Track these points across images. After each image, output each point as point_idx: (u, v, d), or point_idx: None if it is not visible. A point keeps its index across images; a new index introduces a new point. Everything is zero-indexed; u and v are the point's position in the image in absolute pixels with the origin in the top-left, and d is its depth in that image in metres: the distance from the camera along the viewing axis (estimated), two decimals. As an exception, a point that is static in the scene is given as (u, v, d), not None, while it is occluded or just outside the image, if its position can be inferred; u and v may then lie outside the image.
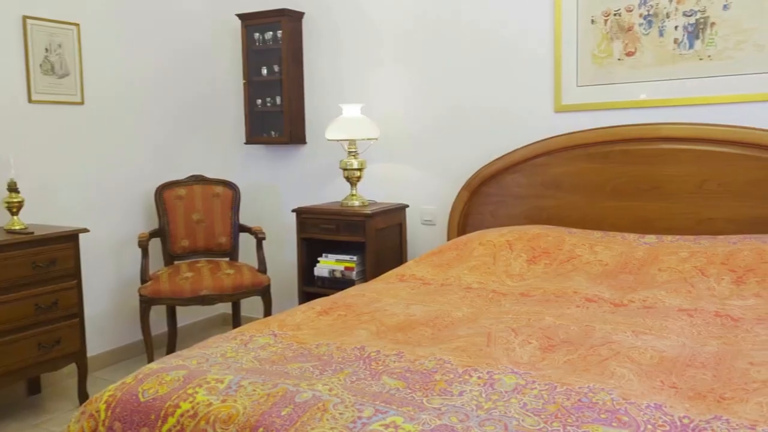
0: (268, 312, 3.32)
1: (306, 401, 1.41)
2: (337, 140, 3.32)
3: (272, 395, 1.45)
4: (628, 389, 1.46)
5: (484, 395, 1.45)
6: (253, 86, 3.78)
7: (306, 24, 3.73)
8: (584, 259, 2.54)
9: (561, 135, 2.98)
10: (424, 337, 1.88)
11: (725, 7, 2.61)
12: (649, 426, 1.30)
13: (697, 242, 2.48)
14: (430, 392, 1.47)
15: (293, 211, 3.37)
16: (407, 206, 3.45)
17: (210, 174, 3.89)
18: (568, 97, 3.00)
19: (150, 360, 3.17)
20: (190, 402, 1.45)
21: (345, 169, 3.35)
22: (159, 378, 1.57)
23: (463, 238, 2.87)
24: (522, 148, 3.07)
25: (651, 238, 2.60)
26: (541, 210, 3.05)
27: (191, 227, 3.52)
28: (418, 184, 3.48)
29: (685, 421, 1.32)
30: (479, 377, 1.54)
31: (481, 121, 3.25)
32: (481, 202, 3.20)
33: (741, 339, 1.80)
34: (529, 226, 2.84)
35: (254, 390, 1.48)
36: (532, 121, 3.12)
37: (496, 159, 3.14)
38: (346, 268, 3.25)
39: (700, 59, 2.69)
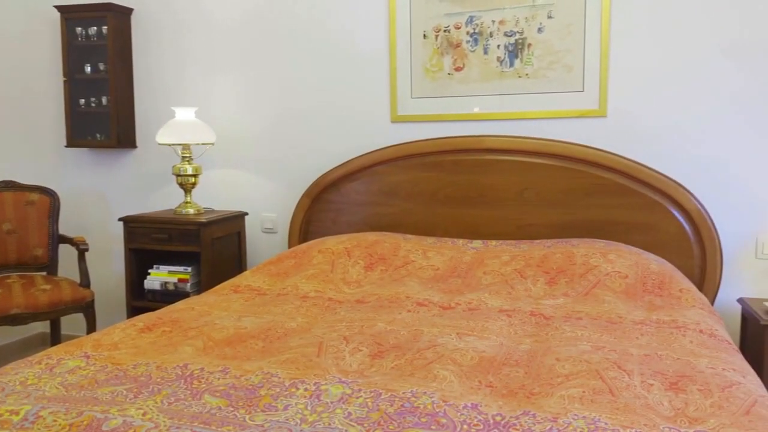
0: (92, 330, 3.06)
1: (114, 429, 1.30)
2: (169, 144, 3.15)
3: (75, 425, 1.32)
4: (449, 391, 1.52)
5: (309, 408, 1.43)
6: (76, 84, 3.48)
7: (135, 21, 3.50)
8: (417, 265, 2.62)
9: (397, 144, 3.06)
10: (253, 350, 1.82)
11: (540, 30, 2.84)
12: (465, 426, 1.35)
13: (517, 246, 2.66)
14: (254, 409, 1.42)
15: (120, 219, 3.15)
16: (246, 214, 3.36)
17: (24, 179, 3.51)
18: (403, 108, 3.09)
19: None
20: (-25, 440, 1.28)
21: (178, 175, 3.18)
22: (-63, 415, 1.37)
23: (302, 246, 2.85)
24: (361, 156, 3.11)
25: (478, 243, 2.75)
26: (380, 217, 3.10)
27: (0, 238, 3.15)
28: (258, 191, 3.40)
29: (498, 418, 1.39)
30: (306, 389, 1.52)
31: (321, 128, 3.25)
32: (323, 209, 3.19)
33: (551, 336, 1.94)
34: (368, 233, 2.88)
35: (55, 420, 1.34)
36: (370, 130, 3.18)
37: (337, 166, 3.15)
38: (180, 280, 3.08)
39: (520, 77, 2.90)
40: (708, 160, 2.72)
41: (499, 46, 2.91)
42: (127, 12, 3.46)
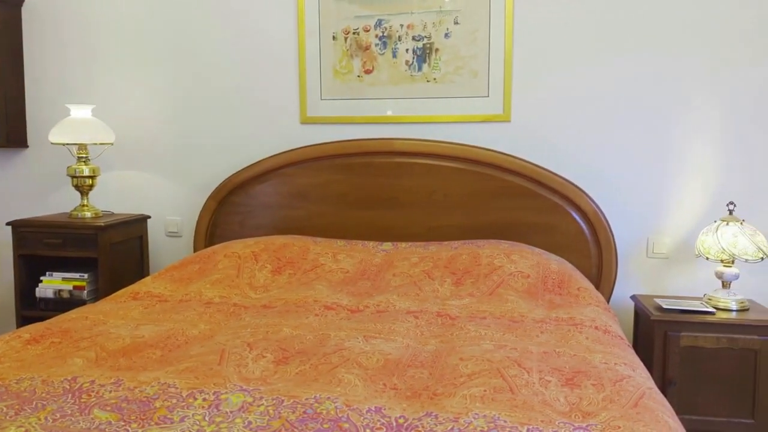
0: (-25, 343, 2.83)
1: (-12, 451, 1.20)
2: (64, 144, 2.97)
3: (-57, 449, 1.20)
4: (353, 395, 1.50)
5: (207, 418, 1.38)
6: (-43, 78, 3.22)
7: (27, 13, 3.28)
8: (327, 268, 2.59)
9: (307, 146, 3.02)
10: (150, 360, 1.73)
11: (446, 35, 2.89)
12: (368, 430, 1.35)
13: (426, 248, 2.69)
14: (147, 422, 1.36)
15: (9, 224, 2.94)
16: (149, 217, 3.21)
17: None
18: (313, 109, 3.06)
19: None
20: None
21: (74, 177, 3.01)
22: None
23: (208, 250, 2.76)
24: (270, 157, 3.05)
25: (388, 245, 2.76)
26: (289, 220, 3.06)
27: None
28: (162, 194, 3.26)
29: (401, 421, 1.39)
30: (204, 399, 1.46)
31: (229, 129, 3.17)
32: (230, 212, 3.11)
33: (455, 336, 1.97)
34: (276, 237, 2.83)
35: None
36: (279, 131, 3.12)
37: (244, 168, 3.08)
38: (76, 288, 2.91)
39: (428, 81, 2.94)
40: (604, 165, 2.86)
41: (407, 50, 2.94)
42: (17, 3, 3.23)
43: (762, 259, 2.50)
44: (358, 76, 3.00)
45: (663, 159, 2.81)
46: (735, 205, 2.61)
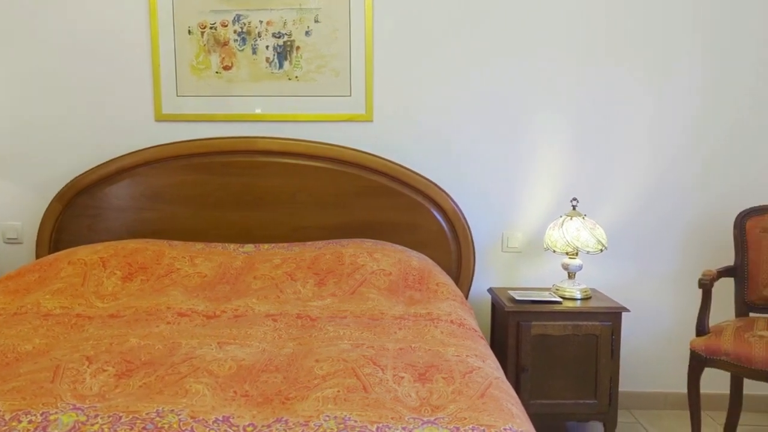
0: None
1: None
2: None
3: None
4: (200, 406, 1.43)
5: (31, 443, 1.25)
6: None
7: None
8: (183, 272, 2.47)
9: (161, 145, 2.87)
10: (-30, 382, 1.56)
11: (307, 33, 2.86)
12: (213, 441, 1.29)
13: (289, 249, 2.65)
14: (-43, 453, 1.21)
15: None
16: (-19, 223, 2.91)
17: None
18: (168, 106, 2.91)
19: None
20: None
21: None
22: None
23: (50, 257, 2.54)
24: (121, 157, 2.87)
25: (249, 247, 2.68)
26: (144, 223, 2.88)
27: None
28: (-3, 197, 2.97)
29: (249, 429, 1.35)
30: (30, 421, 1.33)
31: (76, 127, 2.94)
32: (78, 216, 2.88)
33: (314, 338, 1.95)
34: (127, 241, 2.66)
35: None
36: (132, 128, 2.94)
37: (93, 168, 2.87)
38: None
39: (289, 79, 2.89)
40: (463, 165, 2.96)
41: (267, 47, 2.87)
42: None
43: (601, 250, 2.70)
44: (217, 73, 2.89)
45: (516, 160, 2.96)
46: (578, 201, 2.81)
